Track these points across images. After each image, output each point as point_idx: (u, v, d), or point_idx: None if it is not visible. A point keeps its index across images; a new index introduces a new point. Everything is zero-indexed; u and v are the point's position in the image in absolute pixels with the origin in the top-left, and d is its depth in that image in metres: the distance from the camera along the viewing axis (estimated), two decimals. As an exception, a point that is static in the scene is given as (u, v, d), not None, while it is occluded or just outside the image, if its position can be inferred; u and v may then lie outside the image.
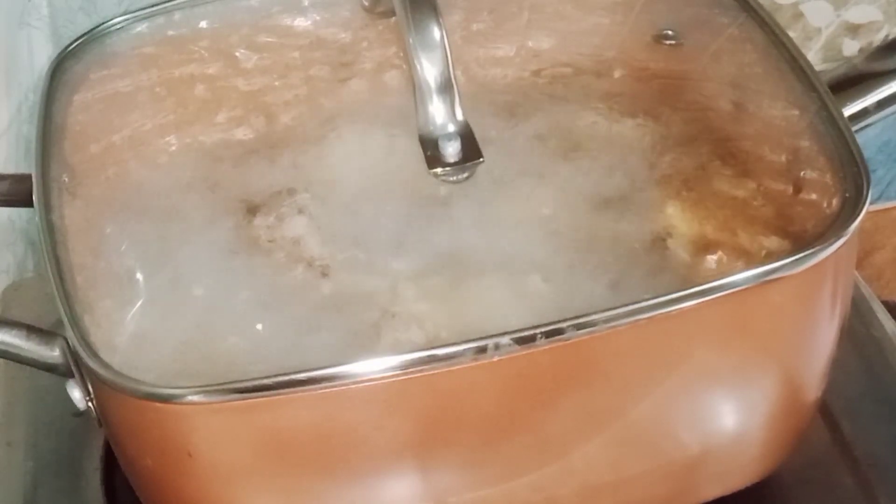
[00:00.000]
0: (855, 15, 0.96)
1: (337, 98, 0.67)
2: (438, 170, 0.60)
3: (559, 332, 0.53)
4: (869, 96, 0.63)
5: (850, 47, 0.97)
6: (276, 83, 0.68)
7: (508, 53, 0.69)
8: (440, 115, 0.60)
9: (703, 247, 0.59)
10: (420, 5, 0.60)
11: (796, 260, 0.55)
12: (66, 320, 0.56)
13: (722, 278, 0.55)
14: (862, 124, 0.62)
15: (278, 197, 0.63)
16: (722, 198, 0.61)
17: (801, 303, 0.58)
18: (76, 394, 0.59)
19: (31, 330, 0.59)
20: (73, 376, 0.59)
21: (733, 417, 0.61)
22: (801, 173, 0.61)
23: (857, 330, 0.74)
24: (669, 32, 0.68)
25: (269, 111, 0.67)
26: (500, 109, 0.66)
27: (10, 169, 0.84)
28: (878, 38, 0.98)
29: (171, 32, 0.70)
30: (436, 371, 0.53)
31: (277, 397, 0.53)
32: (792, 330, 0.59)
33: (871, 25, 0.97)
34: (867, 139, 0.62)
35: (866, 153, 0.58)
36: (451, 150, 0.60)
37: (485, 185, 0.61)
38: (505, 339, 0.53)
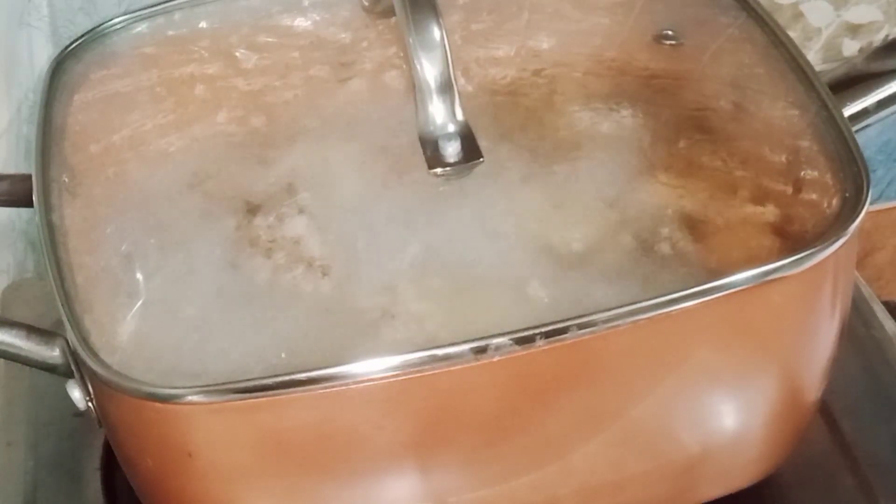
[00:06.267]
0: (855, 15, 0.96)
1: (337, 98, 0.67)
2: (438, 170, 0.61)
3: (559, 332, 0.53)
4: (869, 96, 0.63)
5: (850, 47, 0.97)
6: (276, 83, 0.68)
7: (508, 53, 0.69)
8: (440, 115, 0.60)
9: (703, 247, 0.59)
10: (420, 5, 0.60)
11: (796, 260, 0.55)
12: (66, 320, 0.56)
13: (722, 278, 0.55)
14: (862, 124, 0.62)
15: (278, 197, 0.63)
16: (722, 198, 0.61)
17: (802, 303, 0.58)
18: (76, 394, 0.59)
19: (31, 330, 0.59)
20: (73, 376, 0.59)
21: (733, 417, 0.61)
22: (801, 173, 0.61)
23: (857, 330, 0.74)
24: (669, 32, 0.68)
25: (270, 111, 0.67)
26: (500, 109, 0.66)
27: (10, 169, 0.84)
28: (878, 38, 0.98)
29: (171, 32, 0.70)
30: (436, 371, 0.53)
31: (277, 397, 0.53)
32: (792, 330, 0.59)
33: (871, 25, 0.97)
34: (867, 139, 0.62)
35: (866, 153, 0.58)
36: (451, 150, 0.60)
37: (485, 185, 0.61)
38: (505, 339, 0.53)
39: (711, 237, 0.60)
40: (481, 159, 0.61)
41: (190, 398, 0.53)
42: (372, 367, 0.53)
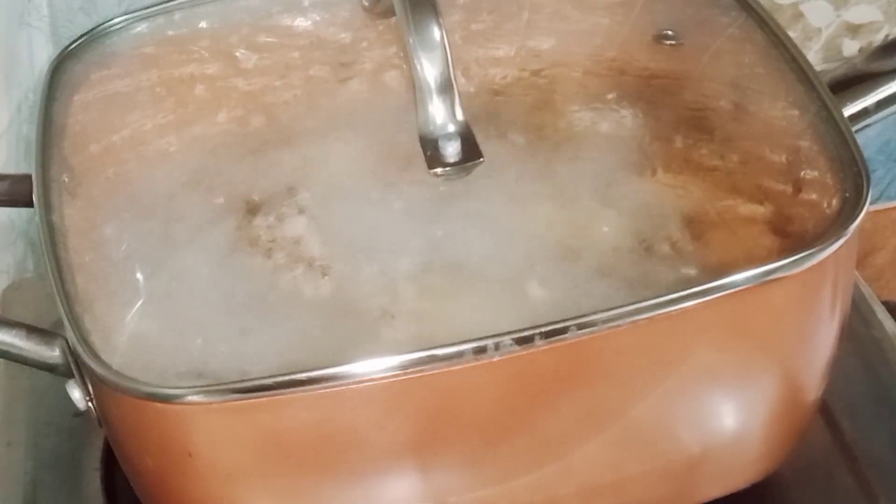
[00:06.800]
0: (855, 15, 0.96)
1: (337, 98, 0.67)
2: (438, 170, 0.61)
3: (559, 332, 0.53)
4: (869, 96, 0.63)
5: (850, 47, 0.97)
6: (276, 83, 0.68)
7: (508, 53, 0.69)
8: (440, 115, 0.60)
9: (703, 247, 0.59)
10: (420, 5, 0.60)
11: (796, 260, 0.55)
12: (66, 320, 0.56)
13: (722, 278, 0.55)
14: (862, 124, 0.62)
15: (278, 197, 0.63)
16: (722, 198, 0.61)
17: (801, 303, 0.58)
18: (76, 394, 0.59)
19: (31, 330, 0.59)
20: (73, 376, 0.59)
21: (733, 417, 0.61)
22: (801, 173, 0.61)
23: (857, 330, 0.74)
24: (669, 32, 0.68)
25: (269, 111, 0.67)
26: (500, 109, 0.66)
27: (10, 169, 0.84)
28: (878, 38, 0.98)
29: (171, 32, 0.70)
30: (436, 371, 0.53)
31: (277, 397, 0.53)
32: (792, 330, 0.59)
33: (871, 25, 0.97)
34: (867, 139, 0.62)
35: (866, 153, 0.58)
36: (451, 150, 0.60)
37: (485, 185, 0.61)
38: (505, 339, 0.53)
39: (711, 237, 0.60)
40: (481, 159, 0.61)
41: (190, 398, 0.53)
42: (372, 367, 0.53)
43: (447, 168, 0.61)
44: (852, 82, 0.63)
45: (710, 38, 0.68)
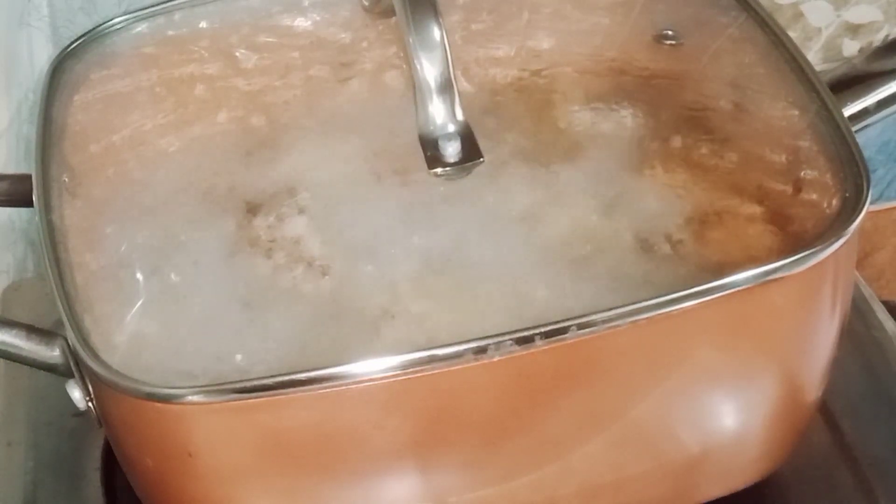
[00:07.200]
0: (855, 15, 0.96)
1: (337, 98, 0.67)
2: (438, 170, 0.61)
3: (559, 332, 0.53)
4: (869, 96, 0.63)
5: (850, 47, 0.97)
6: (276, 83, 0.68)
7: (508, 53, 0.69)
8: (440, 115, 0.60)
9: (703, 247, 0.59)
10: (420, 5, 0.60)
11: (796, 260, 0.55)
12: (66, 320, 0.56)
13: (722, 278, 0.55)
14: (862, 124, 0.62)
15: (278, 197, 0.63)
16: (722, 198, 0.61)
17: (801, 303, 0.58)
18: (76, 394, 0.59)
19: (31, 330, 0.59)
20: (73, 376, 0.59)
21: (733, 417, 0.61)
22: (801, 173, 0.61)
23: (857, 330, 0.74)
24: (669, 32, 0.68)
25: (269, 111, 0.67)
26: (500, 109, 0.66)
27: (10, 169, 0.84)
28: (878, 38, 0.98)
29: (171, 32, 0.70)
30: (436, 371, 0.53)
31: (277, 397, 0.53)
32: (792, 330, 0.59)
33: (871, 25, 0.97)
34: (867, 139, 0.62)
35: (866, 153, 0.58)
36: (451, 150, 0.60)
37: (485, 185, 0.61)
38: (505, 339, 0.53)
39: (711, 237, 0.60)
40: (481, 159, 0.61)
41: (190, 398, 0.53)
42: (372, 367, 0.53)
43: (447, 168, 0.61)
44: (852, 82, 0.63)
45: (710, 38, 0.68)
